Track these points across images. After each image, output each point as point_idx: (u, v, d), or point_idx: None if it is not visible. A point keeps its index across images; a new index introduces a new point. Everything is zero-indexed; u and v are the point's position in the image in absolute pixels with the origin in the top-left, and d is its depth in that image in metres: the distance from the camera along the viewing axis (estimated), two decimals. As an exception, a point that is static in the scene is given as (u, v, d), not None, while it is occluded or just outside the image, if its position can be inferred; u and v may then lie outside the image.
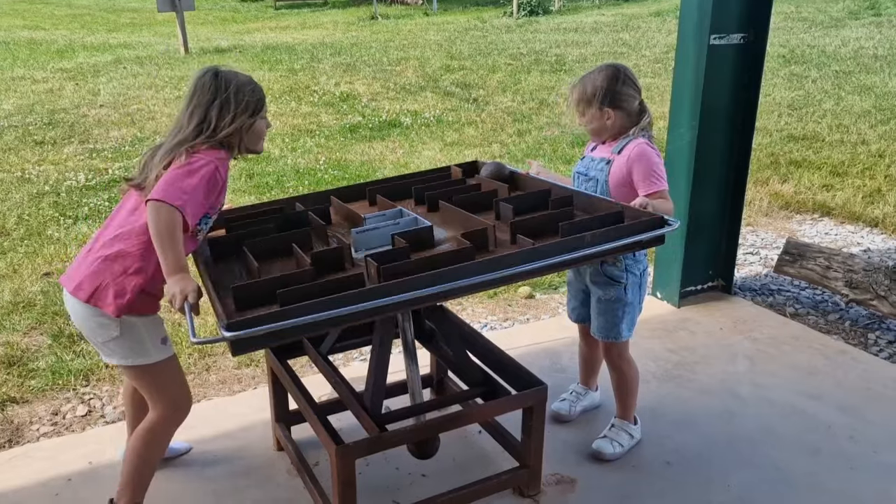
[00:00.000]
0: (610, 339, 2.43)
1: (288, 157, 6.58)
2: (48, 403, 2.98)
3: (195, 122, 1.98)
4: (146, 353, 2.02)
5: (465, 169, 2.72)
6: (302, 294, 1.66)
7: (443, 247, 2.02)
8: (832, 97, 8.27)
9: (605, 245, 1.91)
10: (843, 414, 2.78)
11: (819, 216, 5.10)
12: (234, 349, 1.58)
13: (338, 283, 1.72)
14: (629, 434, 2.54)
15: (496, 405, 2.19)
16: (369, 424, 2.04)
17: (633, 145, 2.27)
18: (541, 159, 6.32)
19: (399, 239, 1.95)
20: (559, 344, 3.29)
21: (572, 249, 1.87)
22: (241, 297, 1.71)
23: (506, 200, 2.24)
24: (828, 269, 3.68)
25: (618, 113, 2.28)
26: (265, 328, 1.56)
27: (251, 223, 2.28)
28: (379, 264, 1.75)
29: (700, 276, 3.77)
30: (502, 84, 9.59)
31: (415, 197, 2.46)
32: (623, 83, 2.26)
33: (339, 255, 1.91)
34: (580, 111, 2.33)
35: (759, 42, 3.41)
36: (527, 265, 1.81)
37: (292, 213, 2.34)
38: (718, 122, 3.47)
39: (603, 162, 2.33)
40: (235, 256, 2.11)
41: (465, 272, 1.75)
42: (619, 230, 1.96)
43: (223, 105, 1.99)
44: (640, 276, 2.39)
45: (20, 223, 4.92)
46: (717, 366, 3.14)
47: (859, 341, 3.42)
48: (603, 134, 2.35)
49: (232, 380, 3.15)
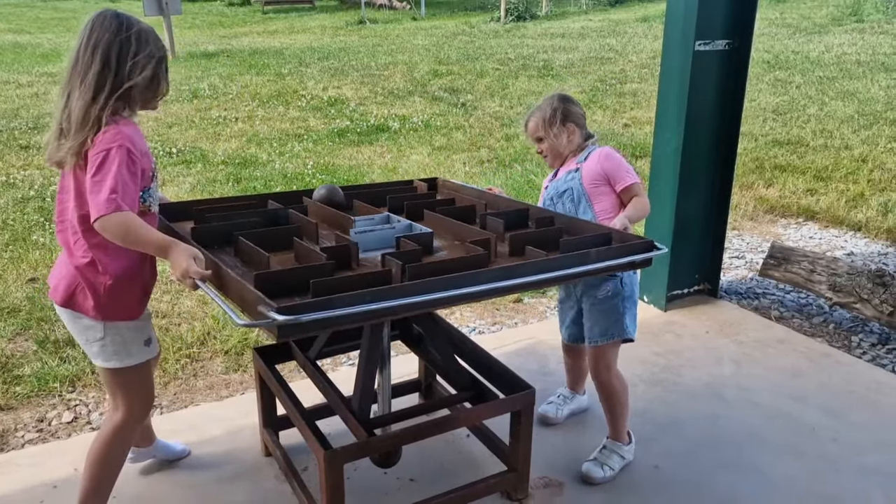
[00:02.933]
0: (615, 337, 2.38)
1: (276, 162, 6.57)
2: (34, 410, 2.96)
3: (96, 68, 1.82)
4: (129, 356, 2.00)
5: (428, 183, 2.83)
6: (340, 285, 1.65)
7: (441, 254, 2.04)
8: (816, 102, 8.36)
9: (605, 262, 1.96)
10: (826, 416, 2.81)
11: (803, 220, 5.16)
12: (280, 333, 1.56)
13: (365, 278, 1.72)
14: (620, 456, 2.49)
15: (484, 409, 2.20)
16: (357, 429, 2.04)
17: (598, 151, 2.42)
18: (528, 164, 6.35)
19: (407, 242, 1.98)
20: (547, 348, 3.30)
21: (580, 264, 1.92)
22: (264, 286, 1.66)
23: (494, 215, 2.30)
24: (812, 273, 3.72)
25: (574, 126, 2.43)
26: (314, 316, 1.55)
27: (233, 214, 2.28)
28: (403, 263, 1.77)
29: (686, 280, 3.80)
30: (490, 89, 9.63)
31: (389, 206, 2.49)
32: (574, 104, 2.47)
33: (347, 253, 1.92)
34: (542, 135, 2.45)
35: (744, 48, 3.46)
36: (539, 275, 1.85)
37: (276, 210, 2.34)
38: (704, 127, 3.51)
39: (572, 173, 2.42)
40: (218, 247, 2.09)
41: (484, 277, 1.77)
42: (621, 250, 2.02)
43: (126, 47, 1.84)
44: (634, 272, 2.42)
45: (5, 228, 4.88)
46: (703, 369, 3.17)
47: (843, 344, 3.46)
48: (564, 153, 2.46)
49: (220, 385, 3.14)
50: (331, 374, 3.10)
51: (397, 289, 1.67)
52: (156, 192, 2.04)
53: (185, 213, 2.37)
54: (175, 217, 2.35)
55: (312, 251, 1.90)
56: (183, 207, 2.41)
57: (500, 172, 6.22)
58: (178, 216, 2.36)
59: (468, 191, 2.74)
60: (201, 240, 2.07)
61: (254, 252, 1.92)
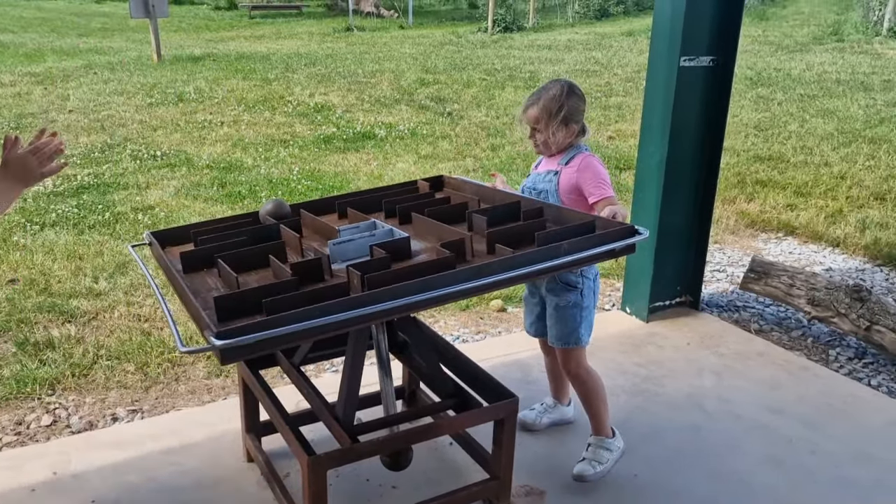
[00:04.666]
0: (570, 344, 2.43)
1: (261, 167, 6.55)
2: (12, 413, 2.93)
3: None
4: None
5: (431, 183, 2.76)
6: (288, 303, 1.66)
7: (420, 257, 2.04)
8: (797, 119, 8.50)
9: (581, 253, 1.93)
10: (805, 428, 2.85)
11: (783, 235, 5.23)
12: (223, 358, 1.58)
13: (322, 292, 1.72)
14: (607, 450, 2.50)
15: (468, 417, 2.21)
16: (341, 435, 2.04)
17: (580, 157, 2.40)
18: (514, 174, 6.39)
19: (378, 249, 1.97)
20: (530, 356, 3.32)
21: (550, 258, 1.89)
22: (224, 308, 1.70)
23: (478, 212, 2.26)
24: (791, 287, 3.77)
25: (574, 126, 2.39)
26: (255, 336, 1.56)
27: (222, 236, 2.27)
28: (362, 274, 1.76)
29: (668, 292, 3.84)
30: (476, 99, 9.67)
31: (385, 210, 2.48)
32: (579, 98, 2.40)
33: (318, 266, 1.92)
34: (539, 127, 2.40)
35: (728, 65, 3.51)
36: (506, 273, 1.83)
37: (263, 227, 2.34)
38: (687, 141, 3.56)
39: (551, 174, 2.43)
40: (207, 269, 2.10)
41: (446, 281, 1.76)
42: (594, 239, 1.99)
43: None
44: (594, 280, 2.45)
45: (-15, 228, 4.83)
46: (684, 380, 3.20)
47: (821, 357, 3.51)
48: (554, 147, 2.43)
49: (202, 390, 3.12)
50: (314, 380, 3.09)
51: (352, 300, 1.66)
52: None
53: (183, 237, 2.36)
54: (174, 241, 2.34)
55: (282, 268, 1.90)
56: (181, 232, 2.39)
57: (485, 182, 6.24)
58: (175, 241, 2.35)
59: (469, 187, 2.68)
60: (190, 265, 2.09)
61: (226, 273, 1.93)
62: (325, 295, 1.70)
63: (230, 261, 1.98)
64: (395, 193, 2.65)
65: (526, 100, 2.45)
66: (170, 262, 2.12)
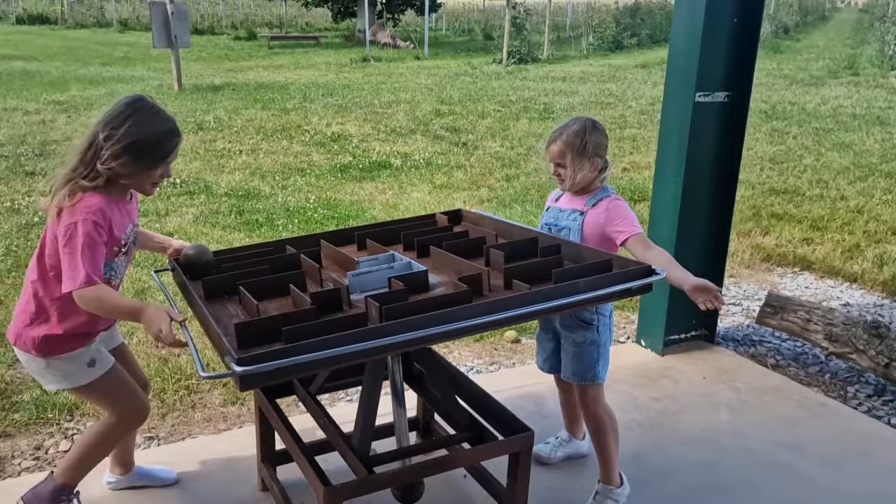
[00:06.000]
0: (587, 381, 2.43)
1: (278, 195, 6.63)
2: (31, 438, 2.95)
3: (85, 143, 2.02)
4: (76, 378, 2.14)
5: (449, 216, 2.80)
6: (307, 331, 1.69)
7: (437, 290, 2.07)
8: (812, 153, 8.50)
9: (597, 291, 1.95)
10: (823, 466, 2.82)
11: (799, 269, 5.21)
12: (242, 384, 1.60)
13: (340, 321, 1.75)
14: (613, 500, 2.50)
15: (483, 450, 2.21)
16: (357, 466, 2.05)
17: (607, 201, 2.39)
18: (528, 205, 6.42)
19: (396, 282, 2.00)
20: (544, 389, 3.31)
21: (567, 295, 1.92)
22: (244, 335, 1.73)
23: (496, 247, 2.29)
24: (808, 322, 3.75)
25: (597, 161, 2.39)
26: (274, 364, 1.58)
27: (243, 264, 2.31)
28: (381, 305, 1.79)
29: (683, 325, 3.83)
30: (491, 129, 9.76)
31: (404, 242, 2.51)
32: (602, 133, 2.41)
33: (337, 296, 1.95)
34: (564, 163, 2.39)
35: (743, 100, 3.54)
36: (523, 308, 1.85)
37: (285, 256, 2.38)
38: (703, 174, 3.58)
39: (576, 213, 2.41)
40: (228, 296, 2.14)
41: (463, 314, 1.78)
42: (611, 277, 2.01)
43: (113, 136, 1.99)
44: (609, 317, 2.45)
45: (8, 254, 4.91)
46: (700, 415, 3.18)
47: (839, 394, 3.48)
48: (579, 183, 2.40)
49: (217, 418, 3.14)
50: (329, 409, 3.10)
51: (370, 331, 1.69)
52: (122, 267, 2.16)
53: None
54: None
55: (302, 297, 1.93)
56: None
57: (500, 212, 6.28)
58: None
59: (488, 221, 2.70)
60: (212, 291, 2.14)
61: (247, 301, 1.97)
62: (344, 324, 1.73)
63: (251, 289, 2.01)
64: (414, 226, 2.68)
65: (549, 136, 2.46)
66: (192, 288, 2.15)
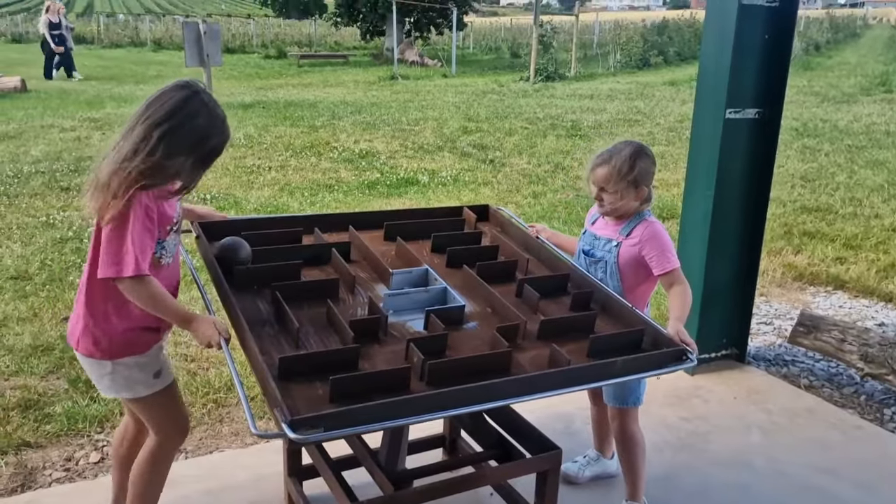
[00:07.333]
0: (629, 404, 2.43)
1: (307, 211, 6.69)
2: (62, 449, 2.99)
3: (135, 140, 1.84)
4: (138, 389, 2.10)
5: (477, 212, 2.82)
6: (352, 386, 1.68)
7: (471, 325, 2.06)
8: (845, 171, 8.37)
9: (632, 375, 1.96)
10: (858, 491, 2.75)
11: (832, 289, 5.11)
12: (291, 444, 1.62)
13: (387, 378, 1.73)
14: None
15: (510, 468, 2.19)
16: (384, 482, 2.04)
17: (642, 227, 2.33)
18: (555, 222, 6.40)
19: (435, 320, 1.99)
20: (573, 407, 3.28)
21: (604, 377, 1.94)
22: (286, 367, 1.74)
23: (529, 281, 2.26)
24: (842, 342, 3.68)
25: (644, 189, 2.31)
26: (324, 436, 1.58)
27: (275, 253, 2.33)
28: (424, 358, 1.77)
29: (714, 344, 3.77)
30: (518, 147, 9.77)
31: (433, 243, 2.52)
32: (650, 161, 2.32)
33: (375, 326, 1.96)
34: (608, 188, 2.30)
35: (774, 117, 3.51)
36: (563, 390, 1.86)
37: (316, 247, 2.41)
38: (733, 192, 3.54)
39: (611, 244, 2.37)
40: (257, 290, 2.14)
41: (508, 389, 1.76)
42: (647, 361, 1.98)
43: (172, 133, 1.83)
44: None
45: (43, 268, 5.01)
46: (731, 436, 3.13)
47: (875, 417, 3.40)
48: (621, 211, 2.34)
49: (245, 432, 3.15)
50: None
51: (413, 402, 1.67)
52: (173, 246, 2.08)
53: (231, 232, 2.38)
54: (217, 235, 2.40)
55: (344, 328, 1.92)
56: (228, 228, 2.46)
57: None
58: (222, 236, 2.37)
59: (515, 231, 2.67)
60: (242, 282, 2.15)
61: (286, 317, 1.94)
62: (389, 382, 1.71)
63: (288, 293, 2.02)
64: (442, 224, 2.70)
65: (594, 158, 2.35)
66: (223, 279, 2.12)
